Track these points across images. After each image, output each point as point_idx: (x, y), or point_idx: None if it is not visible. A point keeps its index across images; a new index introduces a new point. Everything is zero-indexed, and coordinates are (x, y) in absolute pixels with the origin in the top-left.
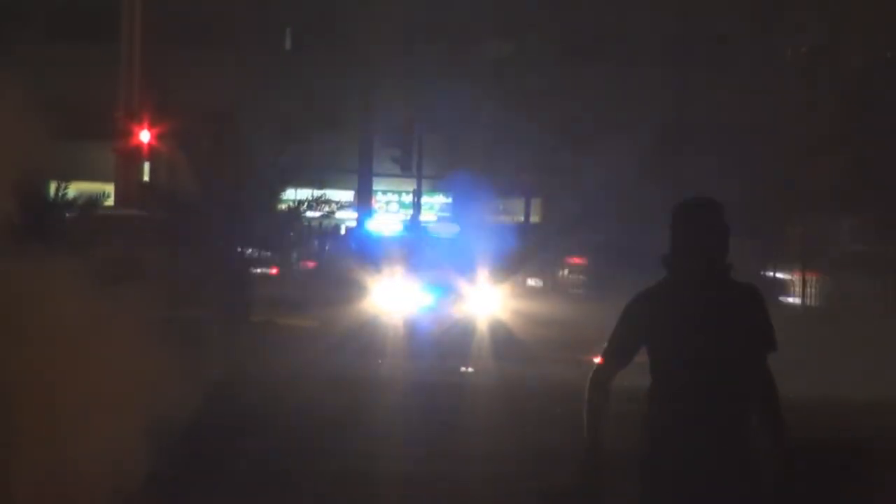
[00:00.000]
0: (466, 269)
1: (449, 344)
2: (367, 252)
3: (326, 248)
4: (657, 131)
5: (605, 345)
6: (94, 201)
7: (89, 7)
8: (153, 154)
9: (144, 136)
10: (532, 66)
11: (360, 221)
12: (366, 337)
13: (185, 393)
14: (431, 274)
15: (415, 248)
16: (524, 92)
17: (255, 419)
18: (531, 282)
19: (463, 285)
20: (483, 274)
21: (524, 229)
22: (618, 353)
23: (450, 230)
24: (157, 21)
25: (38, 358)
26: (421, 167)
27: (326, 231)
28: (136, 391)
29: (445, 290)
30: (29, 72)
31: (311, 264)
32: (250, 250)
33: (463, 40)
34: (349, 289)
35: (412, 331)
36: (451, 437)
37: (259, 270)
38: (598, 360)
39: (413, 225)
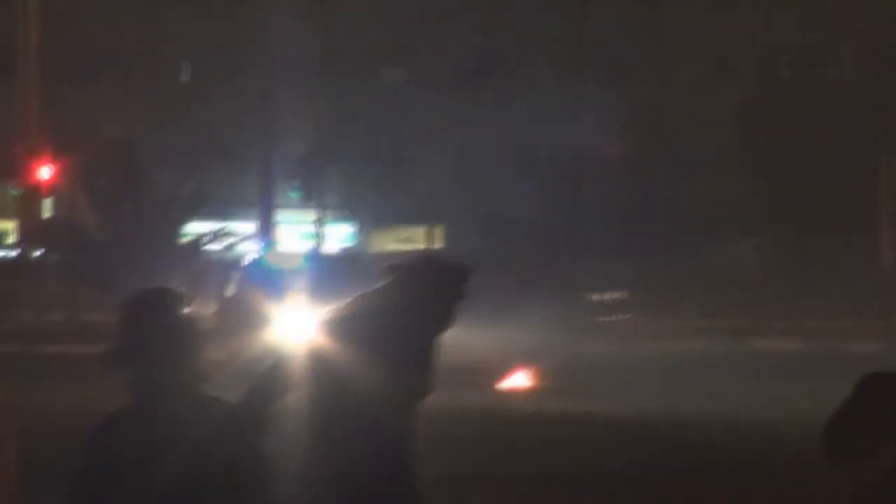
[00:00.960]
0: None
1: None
2: (270, 283)
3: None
4: (557, 156)
5: None
6: None
7: None
8: (54, 190)
9: (45, 172)
10: (426, 92)
11: (260, 253)
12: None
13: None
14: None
15: (316, 276)
16: (422, 118)
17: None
18: None
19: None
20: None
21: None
22: None
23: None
24: (55, 57)
25: None
26: (322, 197)
27: (228, 263)
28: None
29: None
30: None
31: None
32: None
33: (359, 68)
34: (253, 320)
35: (317, 360)
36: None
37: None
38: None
39: (314, 255)
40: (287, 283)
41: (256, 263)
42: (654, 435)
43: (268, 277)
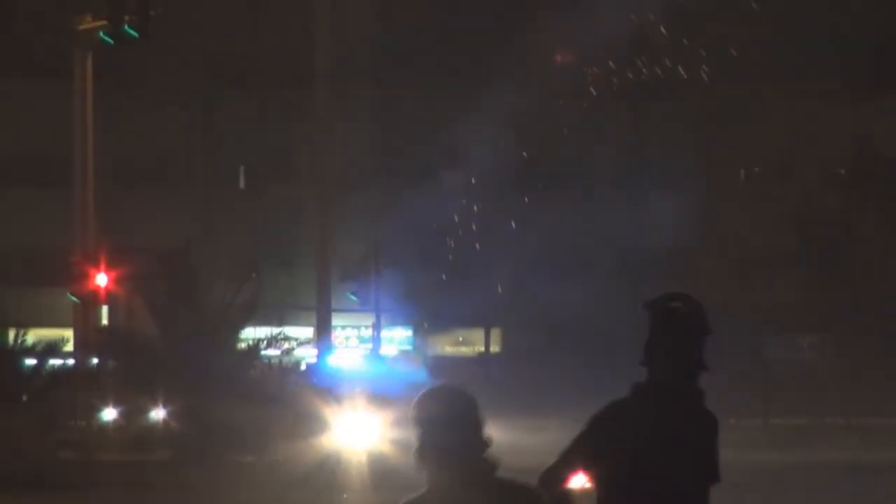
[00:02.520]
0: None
1: (414, 475)
2: (329, 386)
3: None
4: (615, 260)
5: (567, 447)
6: (53, 347)
7: (41, 153)
8: (110, 298)
9: (101, 279)
10: (488, 197)
11: (320, 357)
12: (329, 471)
13: None
14: (392, 406)
15: (376, 380)
16: (480, 222)
17: None
18: None
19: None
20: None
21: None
22: (575, 460)
23: (410, 361)
24: (111, 164)
25: None
26: (379, 301)
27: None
28: None
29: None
30: None
31: None
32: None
33: (417, 173)
34: (311, 423)
35: (376, 463)
36: None
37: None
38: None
39: (373, 358)
40: (349, 386)
41: (319, 366)
42: None
43: (331, 380)
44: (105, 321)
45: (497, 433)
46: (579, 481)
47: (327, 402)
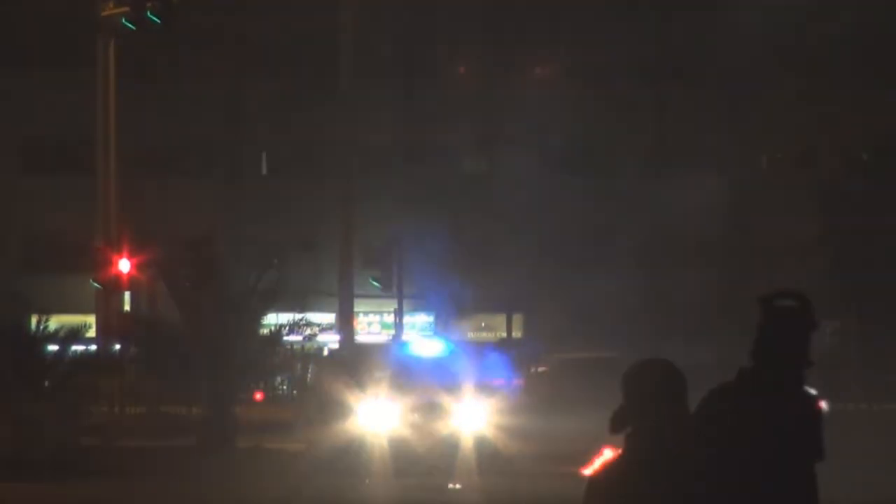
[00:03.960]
0: (450, 385)
1: (435, 460)
2: (350, 372)
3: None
4: (638, 245)
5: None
6: (75, 333)
7: (65, 140)
8: (133, 284)
9: (124, 265)
10: (509, 181)
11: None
12: (352, 457)
13: None
14: (415, 391)
15: (397, 366)
16: (502, 207)
17: None
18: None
19: (446, 401)
20: (466, 389)
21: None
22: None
23: (432, 347)
24: (133, 150)
25: None
26: (402, 287)
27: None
28: None
29: (429, 406)
30: (4, 206)
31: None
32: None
33: (440, 158)
34: (334, 409)
35: (398, 448)
36: None
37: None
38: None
39: (395, 344)
40: (367, 372)
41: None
42: None
43: (347, 365)
44: (127, 307)
45: (521, 421)
46: (605, 456)
47: (350, 387)
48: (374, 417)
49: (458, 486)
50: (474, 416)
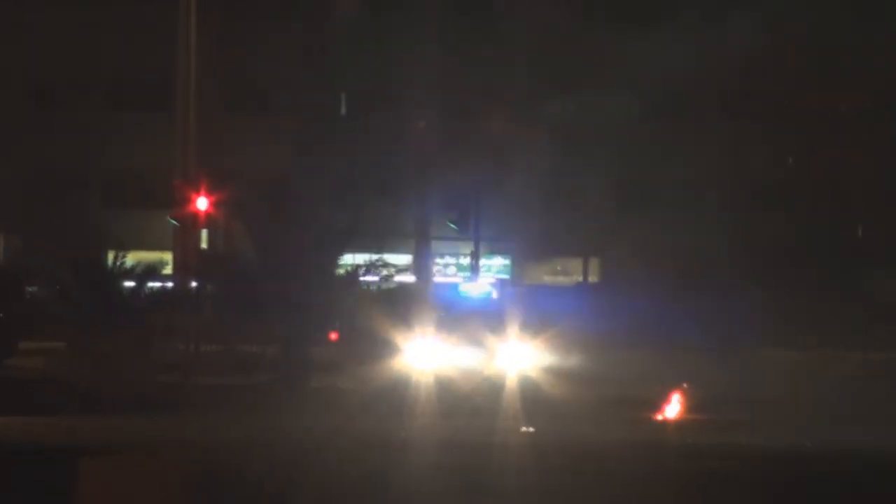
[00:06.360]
0: (496, 327)
1: (480, 402)
2: (396, 311)
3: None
4: (716, 192)
5: None
6: (152, 269)
7: (146, 78)
8: (210, 221)
9: (202, 203)
10: (589, 127)
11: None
12: (398, 396)
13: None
14: (461, 331)
15: (444, 306)
16: (582, 151)
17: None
18: None
19: (493, 342)
20: (513, 331)
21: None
22: None
23: (481, 288)
24: (213, 90)
25: None
26: (479, 229)
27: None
28: None
29: (476, 347)
30: (86, 142)
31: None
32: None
33: (519, 102)
34: (381, 348)
35: (443, 389)
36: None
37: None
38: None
39: (447, 285)
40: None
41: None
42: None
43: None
44: (204, 245)
45: (590, 364)
46: (674, 410)
47: (397, 327)
48: (422, 356)
49: (531, 428)
50: (523, 357)
